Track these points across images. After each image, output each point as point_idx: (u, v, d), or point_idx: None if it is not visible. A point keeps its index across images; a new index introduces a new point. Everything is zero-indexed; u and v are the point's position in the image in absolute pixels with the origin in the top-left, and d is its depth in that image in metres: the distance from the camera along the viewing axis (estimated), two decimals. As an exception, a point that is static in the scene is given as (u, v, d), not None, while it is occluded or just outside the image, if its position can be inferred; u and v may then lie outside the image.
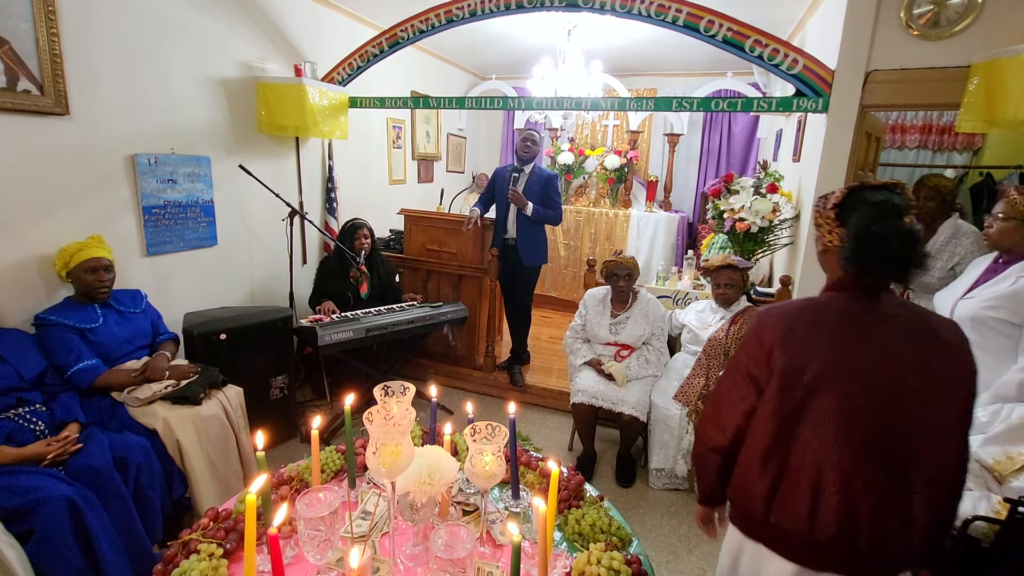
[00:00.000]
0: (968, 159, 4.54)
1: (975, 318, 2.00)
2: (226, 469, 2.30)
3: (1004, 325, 1.92)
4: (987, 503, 1.59)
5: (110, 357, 2.26)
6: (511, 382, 3.77)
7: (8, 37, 2.12)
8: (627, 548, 1.32)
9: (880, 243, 1.10)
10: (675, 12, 2.77)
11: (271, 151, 3.54)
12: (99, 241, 2.33)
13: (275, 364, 2.94)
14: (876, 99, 2.62)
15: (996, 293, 1.97)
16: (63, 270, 2.23)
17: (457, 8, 3.20)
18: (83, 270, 2.22)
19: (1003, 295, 1.93)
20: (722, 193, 3.46)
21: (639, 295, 2.99)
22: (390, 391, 1.19)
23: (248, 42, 3.27)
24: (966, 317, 2.03)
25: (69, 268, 2.22)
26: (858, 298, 1.18)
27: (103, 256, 2.28)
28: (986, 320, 1.97)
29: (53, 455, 1.82)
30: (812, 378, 1.14)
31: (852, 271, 1.15)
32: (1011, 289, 1.92)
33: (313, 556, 1.10)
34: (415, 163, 5.41)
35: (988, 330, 1.97)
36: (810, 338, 1.17)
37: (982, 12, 2.38)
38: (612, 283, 2.93)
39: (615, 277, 2.90)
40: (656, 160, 6.00)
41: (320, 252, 3.99)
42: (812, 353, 1.15)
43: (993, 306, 1.94)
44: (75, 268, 2.22)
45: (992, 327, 1.96)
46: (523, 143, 3.56)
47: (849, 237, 1.15)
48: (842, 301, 1.19)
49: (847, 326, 1.16)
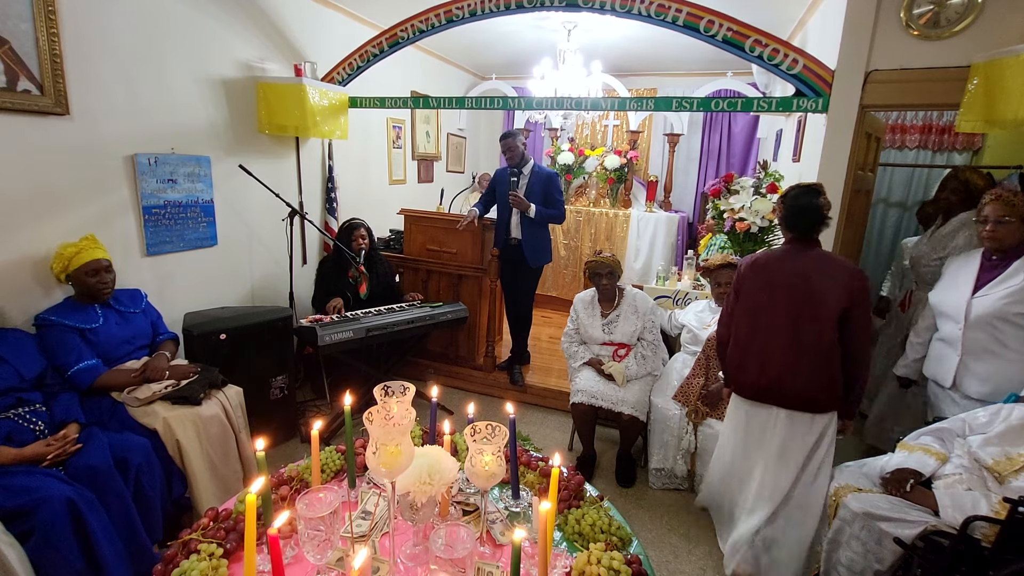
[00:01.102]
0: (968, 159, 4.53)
1: (997, 315, 2.04)
2: (226, 469, 2.30)
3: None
4: (987, 503, 1.59)
5: (110, 357, 2.26)
6: (511, 382, 3.77)
7: (8, 37, 2.12)
8: (627, 548, 1.32)
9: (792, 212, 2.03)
10: (675, 12, 2.77)
11: (271, 151, 3.54)
12: (93, 241, 2.31)
13: (275, 364, 2.94)
14: (876, 99, 2.62)
15: (1014, 287, 2.00)
16: (62, 273, 2.23)
17: (457, 8, 3.20)
18: (84, 273, 2.22)
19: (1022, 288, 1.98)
20: (722, 193, 3.45)
21: (625, 292, 3.00)
22: (390, 391, 1.19)
23: (248, 42, 3.27)
24: (986, 315, 2.06)
25: (69, 271, 2.22)
26: (792, 246, 2.06)
27: (102, 257, 2.27)
28: (1009, 316, 2.01)
29: (53, 455, 1.82)
30: (758, 289, 2.08)
31: (785, 230, 2.10)
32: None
33: (313, 556, 1.09)
34: (415, 163, 5.41)
35: (1010, 326, 2.01)
36: (761, 267, 2.09)
37: (982, 12, 2.38)
38: (596, 282, 2.94)
39: (597, 276, 2.92)
40: (656, 160, 6.00)
41: (320, 252, 3.99)
42: (761, 276, 2.08)
43: (1017, 301, 1.99)
44: (75, 271, 2.21)
45: (1014, 322, 2.00)
46: (505, 152, 3.56)
47: (784, 210, 2.07)
48: (784, 249, 2.10)
49: (783, 261, 2.06)
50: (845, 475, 1.97)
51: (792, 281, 1.98)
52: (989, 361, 2.07)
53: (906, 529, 1.65)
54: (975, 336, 2.10)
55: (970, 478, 1.72)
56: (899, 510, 1.70)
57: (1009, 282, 2.03)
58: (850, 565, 1.78)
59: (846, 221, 2.86)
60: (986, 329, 2.07)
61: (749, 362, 2.08)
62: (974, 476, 1.73)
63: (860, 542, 1.75)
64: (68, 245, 2.25)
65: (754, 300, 2.09)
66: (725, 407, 2.54)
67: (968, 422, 1.87)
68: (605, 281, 2.90)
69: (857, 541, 1.76)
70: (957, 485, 1.72)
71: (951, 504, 1.64)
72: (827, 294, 1.92)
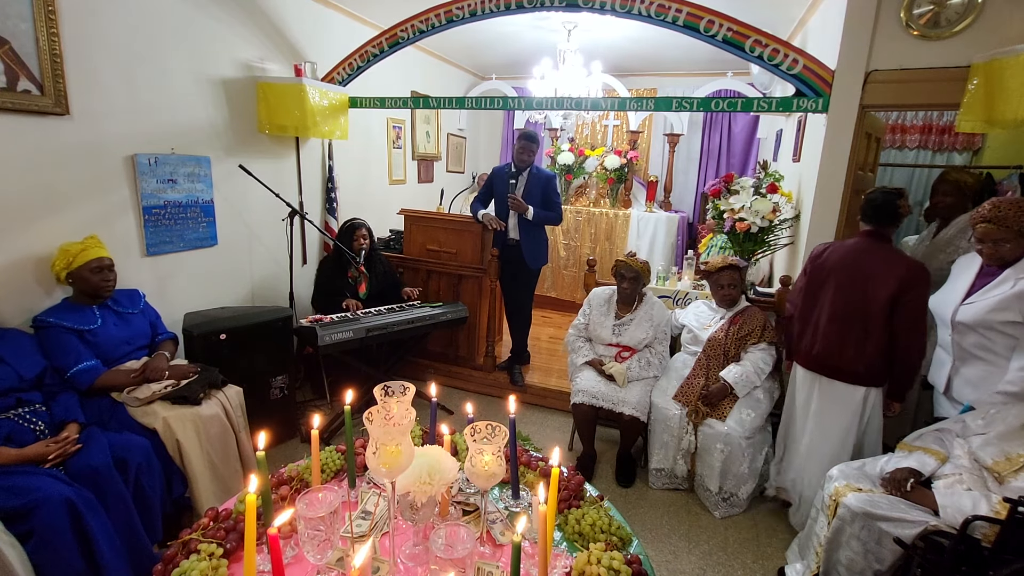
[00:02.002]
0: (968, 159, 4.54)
1: (981, 323, 2.02)
2: (226, 469, 2.30)
3: (1011, 327, 1.94)
4: (987, 503, 1.59)
5: (109, 358, 2.26)
6: (511, 382, 3.77)
7: (8, 37, 2.12)
8: (627, 548, 1.32)
9: (870, 204, 2.26)
10: (675, 12, 2.77)
11: (271, 151, 3.54)
12: (97, 241, 2.33)
13: (275, 364, 2.94)
14: (876, 99, 2.62)
15: (1001, 296, 1.98)
16: (64, 271, 2.22)
17: (457, 8, 3.20)
18: (88, 271, 2.22)
19: (1008, 297, 1.94)
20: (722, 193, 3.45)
21: (646, 298, 2.99)
22: (390, 391, 1.19)
23: (248, 42, 3.27)
24: (971, 322, 2.05)
25: (72, 269, 2.21)
26: (863, 238, 2.29)
27: (105, 256, 2.28)
28: (993, 324, 1.99)
29: (54, 456, 1.82)
30: (821, 269, 2.35)
31: (861, 220, 2.34)
32: (1015, 291, 1.93)
33: (313, 556, 1.09)
34: (415, 163, 5.41)
35: (996, 333, 2.00)
36: (830, 252, 2.36)
37: (982, 12, 2.38)
38: (618, 282, 2.94)
39: (620, 277, 2.91)
40: (656, 160, 6.00)
41: (320, 252, 3.99)
42: (827, 258, 2.35)
43: (1000, 308, 1.96)
44: (79, 268, 2.21)
45: (999, 329, 1.98)
46: (520, 152, 3.49)
47: (864, 203, 2.30)
48: (855, 239, 2.32)
49: (848, 248, 2.30)
50: (845, 475, 1.97)
51: (850, 264, 2.26)
52: (979, 367, 2.06)
53: (906, 529, 1.65)
54: (964, 342, 2.10)
55: (970, 478, 1.72)
56: (899, 510, 1.70)
57: (996, 291, 2.00)
58: (850, 565, 1.78)
59: (846, 221, 2.86)
60: (975, 335, 2.06)
61: (806, 334, 2.40)
62: (974, 476, 1.73)
63: (860, 542, 1.75)
64: (72, 243, 2.26)
65: (817, 279, 2.38)
66: (725, 407, 2.59)
67: (968, 422, 1.87)
68: (626, 285, 2.89)
69: (857, 541, 1.76)
70: (957, 485, 1.72)
71: (951, 504, 1.64)
72: (877, 280, 2.18)
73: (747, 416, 2.57)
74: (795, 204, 3.42)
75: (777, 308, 3.02)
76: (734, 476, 2.57)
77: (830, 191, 2.81)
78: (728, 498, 2.60)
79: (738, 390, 2.61)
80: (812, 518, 2.07)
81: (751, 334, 2.74)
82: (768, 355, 2.70)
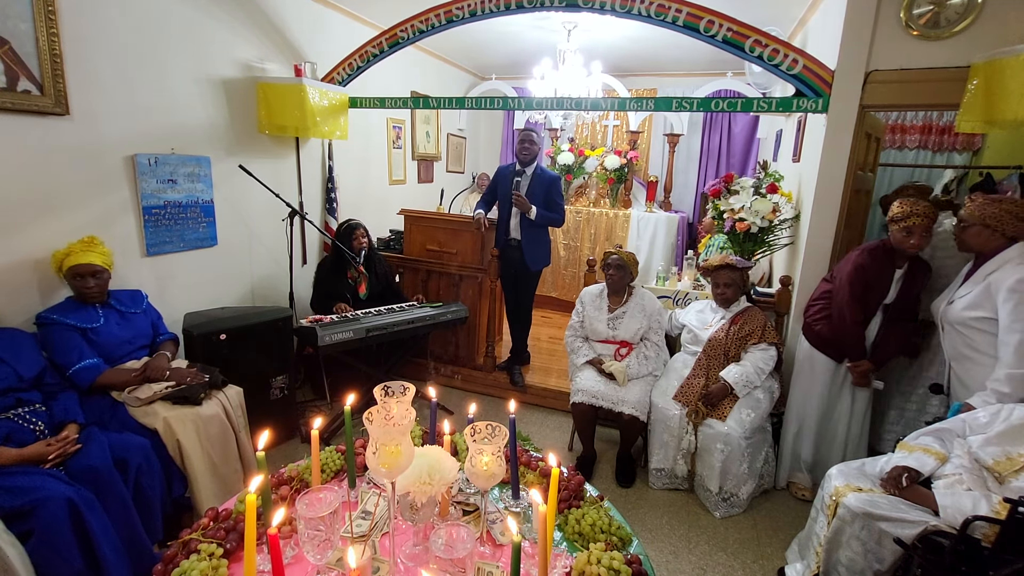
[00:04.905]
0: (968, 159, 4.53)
1: (959, 322, 2.10)
2: (226, 469, 2.30)
3: (986, 323, 2.00)
4: (987, 503, 1.59)
5: (111, 357, 2.26)
6: (511, 382, 3.77)
7: (8, 37, 2.12)
8: (627, 548, 1.32)
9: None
10: (675, 12, 2.77)
11: (271, 151, 3.54)
12: (90, 244, 2.29)
13: (275, 364, 2.94)
14: (876, 99, 2.62)
15: (973, 293, 2.05)
16: (59, 273, 2.25)
17: (457, 8, 3.20)
18: (71, 276, 2.23)
19: (978, 293, 2.02)
20: (722, 193, 3.45)
21: (635, 291, 3.01)
22: (390, 391, 1.19)
23: (248, 42, 3.27)
24: (953, 323, 2.12)
25: (63, 272, 2.24)
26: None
27: (90, 262, 2.23)
28: (968, 321, 2.05)
29: (54, 456, 1.82)
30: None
31: None
32: (982, 287, 2.01)
33: (313, 556, 1.09)
34: (415, 163, 5.41)
35: (974, 331, 2.06)
36: None
37: (982, 12, 2.38)
38: (605, 271, 2.99)
39: (606, 265, 2.97)
40: (656, 160, 6.00)
41: (320, 252, 3.99)
42: None
43: (972, 305, 2.03)
44: (66, 272, 2.23)
45: (976, 327, 2.04)
46: (521, 144, 3.55)
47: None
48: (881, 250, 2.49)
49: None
50: (845, 475, 1.97)
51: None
52: (969, 367, 2.10)
53: (906, 529, 1.65)
54: (952, 342, 2.15)
55: (970, 478, 1.72)
56: (899, 510, 1.70)
57: (971, 287, 2.08)
58: (850, 565, 1.78)
59: (846, 221, 2.86)
60: (958, 335, 2.12)
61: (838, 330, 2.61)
62: (974, 476, 1.73)
63: (860, 542, 1.75)
64: (60, 250, 2.26)
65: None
66: (725, 407, 2.60)
67: (968, 422, 1.87)
68: (612, 271, 2.92)
69: (857, 541, 1.76)
70: (957, 485, 1.72)
71: (951, 504, 1.64)
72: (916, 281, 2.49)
73: (747, 416, 2.57)
74: (795, 204, 3.42)
75: (777, 308, 3.02)
76: (734, 476, 2.57)
77: (830, 191, 2.81)
78: (728, 498, 2.60)
79: (738, 390, 2.61)
80: (812, 518, 2.07)
81: (751, 334, 2.74)
82: (768, 355, 2.70)
